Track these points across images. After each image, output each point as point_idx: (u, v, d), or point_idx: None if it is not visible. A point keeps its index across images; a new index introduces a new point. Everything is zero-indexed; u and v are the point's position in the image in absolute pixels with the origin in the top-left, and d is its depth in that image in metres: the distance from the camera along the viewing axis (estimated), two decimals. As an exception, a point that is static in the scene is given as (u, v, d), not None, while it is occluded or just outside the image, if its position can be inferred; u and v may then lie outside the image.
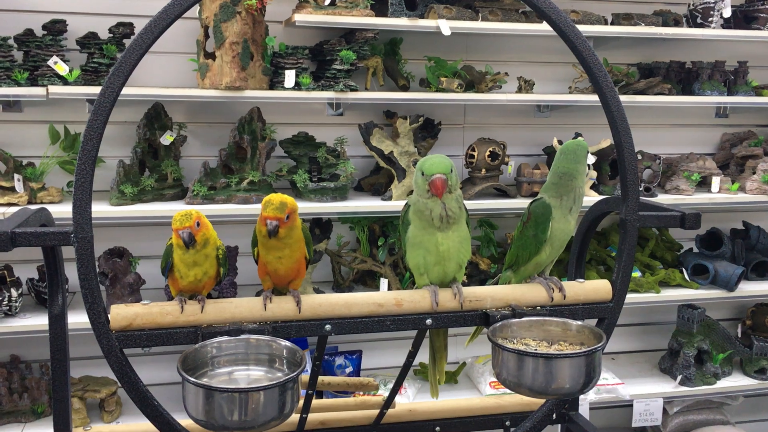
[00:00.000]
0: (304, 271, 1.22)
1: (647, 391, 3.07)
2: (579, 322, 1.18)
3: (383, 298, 1.17)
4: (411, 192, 2.75)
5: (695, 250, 3.30)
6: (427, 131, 2.99)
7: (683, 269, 3.15)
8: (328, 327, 1.15)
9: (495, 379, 2.96)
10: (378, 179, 2.94)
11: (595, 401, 2.99)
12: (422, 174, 1.18)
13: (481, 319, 1.22)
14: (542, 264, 1.32)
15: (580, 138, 1.27)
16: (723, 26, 3.08)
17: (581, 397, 2.95)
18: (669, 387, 3.11)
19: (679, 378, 3.10)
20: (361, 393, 2.28)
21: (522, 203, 2.88)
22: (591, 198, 2.94)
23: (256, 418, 0.96)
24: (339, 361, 2.91)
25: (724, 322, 3.37)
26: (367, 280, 3.00)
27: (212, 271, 1.18)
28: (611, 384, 3.02)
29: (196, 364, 1.05)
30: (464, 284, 1.28)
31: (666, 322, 3.48)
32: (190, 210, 1.12)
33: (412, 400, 2.85)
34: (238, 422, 0.95)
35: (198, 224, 1.11)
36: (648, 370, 3.30)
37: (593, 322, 1.28)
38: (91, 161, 1.05)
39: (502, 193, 2.94)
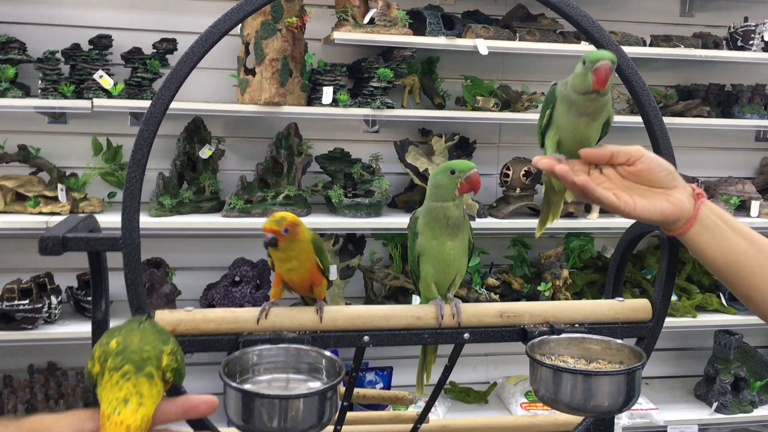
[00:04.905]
0: (321, 280, 1.24)
1: (682, 417, 3.02)
2: (619, 341, 1.16)
3: (422, 311, 1.17)
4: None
5: (733, 274, 3.25)
6: (462, 150, 3.00)
7: (720, 294, 3.10)
8: (366, 338, 1.16)
9: (526, 400, 2.93)
10: (412, 196, 2.96)
11: (628, 426, 2.94)
12: (452, 173, 1.17)
13: (519, 334, 1.21)
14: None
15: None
16: (764, 49, 3.05)
17: (615, 421, 2.91)
18: (704, 414, 3.05)
19: (715, 405, 3.04)
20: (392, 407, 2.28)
21: (556, 223, 2.85)
22: (628, 220, 2.91)
23: (295, 425, 0.96)
24: (370, 377, 2.91)
25: (762, 350, 3.30)
26: (399, 297, 3.00)
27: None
28: (645, 409, 2.97)
29: (237, 371, 1.07)
30: (462, 298, 1.26)
31: (702, 348, 3.42)
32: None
33: (443, 418, 2.83)
34: (277, 428, 0.96)
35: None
36: (683, 396, 3.25)
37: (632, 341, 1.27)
38: (140, 169, 1.07)
39: (536, 213, 2.93)
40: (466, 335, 1.20)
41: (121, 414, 0.69)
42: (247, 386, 1.04)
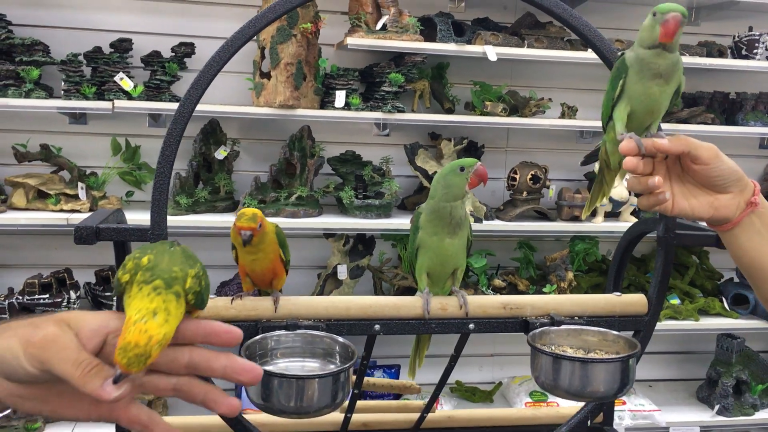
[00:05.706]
0: (282, 272, 1.31)
1: (684, 419, 3.07)
2: (615, 332, 1.23)
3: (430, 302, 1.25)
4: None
5: (736, 279, 3.30)
6: (471, 153, 3.06)
7: (723, 298, 3.15)
8: (377, 327, 1.23)
9: (530, 400, 2.99)
10: (421, 198, 3.03)
11: (630, 426, 3.00)
12: (461, 170, 1.25)
13: (521, 325, 1.28)
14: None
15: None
16: (767, 58, 3.11)
17: (617, 421, 2.96)
18: (706, 416, 3.10)
19: (716, 407, 3.09)
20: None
21: (562, 227, 2.93)
22: (630, 224, 2.98)
23: (311, 405, 1.04)
24: (378, 374, 2.98)
25: (764, 354, 3.35)
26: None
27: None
28: (648, 410, 3.02)
29: (257, 354, 1.14)
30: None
31: (705, 352, 3.47)
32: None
33: (448, 416, 2.89)
34: (294, 407, 1.03)
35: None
36: (685, 399, 3.30)
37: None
38: (169, 165, 1.15)
39: (542, 216, 2.99)
40: (471, 325, 1.27)
41: (147, 323, 0.68)
42: (266, 367, 1.11)
